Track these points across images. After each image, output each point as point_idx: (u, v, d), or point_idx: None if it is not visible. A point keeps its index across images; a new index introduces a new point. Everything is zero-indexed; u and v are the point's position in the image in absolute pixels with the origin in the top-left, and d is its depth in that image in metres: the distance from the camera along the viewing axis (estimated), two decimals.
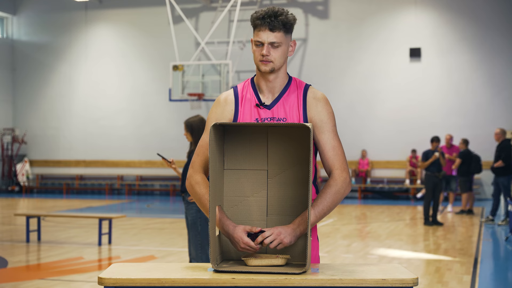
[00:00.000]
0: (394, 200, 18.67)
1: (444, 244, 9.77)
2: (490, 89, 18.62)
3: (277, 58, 2.63)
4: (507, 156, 12.16)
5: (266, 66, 2.63)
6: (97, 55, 21.76)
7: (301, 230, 2.47)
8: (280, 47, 2.62)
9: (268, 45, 2.61)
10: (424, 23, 19.09)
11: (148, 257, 8.46)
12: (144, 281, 2.26)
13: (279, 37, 2.61)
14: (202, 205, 2.62)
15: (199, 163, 2.70)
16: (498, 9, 18.61)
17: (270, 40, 2.60)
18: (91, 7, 21.86)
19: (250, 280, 2.27)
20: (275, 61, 2.63)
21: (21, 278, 7.06)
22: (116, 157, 21.56)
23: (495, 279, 7.35)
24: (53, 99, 22.18)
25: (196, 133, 5.92)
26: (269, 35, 2.60)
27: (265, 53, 2.61)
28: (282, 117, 2.66)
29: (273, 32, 2.60)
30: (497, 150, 12.40)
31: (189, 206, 5.93)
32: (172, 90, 18.15)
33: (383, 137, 19.25)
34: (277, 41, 2.61)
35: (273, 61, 2.62)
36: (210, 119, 2.71)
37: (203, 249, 5.83)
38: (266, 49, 2.61)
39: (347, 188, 2.61)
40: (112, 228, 9.92)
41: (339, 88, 19.39)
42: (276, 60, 2.63)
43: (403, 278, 2.29)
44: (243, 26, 19.74)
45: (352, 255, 8.66)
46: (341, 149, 2.67)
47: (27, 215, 9.88)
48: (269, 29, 2.60)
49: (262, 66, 2.63)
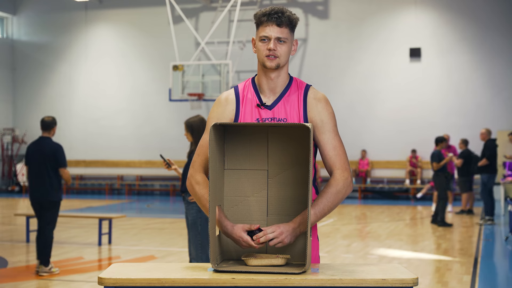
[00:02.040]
0: (394, 200, 18.67)
1: (444, 244, 9.77)
2: (490, 89, 18.62)
3: (283, 54, 2.63)
4: (491, 155, 12.60)
5: (272, 62, 2.62)
6: (97, 55, 21.76)
7: (302, 230, 2.47)
8: (286, 43, 2.63)
9: (275, 40, 2.61)
10: (424, 23, 19.09)
11: (148, 257, 8.46)
12: (144, 281, 2.26)
13: (285, 33, 2.62)
14: (202, 205, 2.62)
15: (199, 163, 2.70)
16: (498, 9, 18.61)
17: (277, 35, 2.61)
18: (91, 7, 21.86)
19: (250, 280, 2.27)
20: (281, 57, 2.63)
21: (21, 278, 7.06)
22: (116, 157, 21.56)
23: (495, 279, 7.35)
24: (53, 99, 22.18)
25: (196, 133, 5.92)
26: (277, 30, 2.60)
27: (272, 47, 2.60)
28: (283, 117, 2.66)
29: (280, 28, 2.61)
30: (482, 149, 12.88)
31: (189, 206, 5.93)
32: (172, 90, 18.15)
33: (383, 137, 19.25)
34: (284, 36, 2.61)
35: (279, 56, 2.62)
36: (211, 118, 2.71)
37: (203, 249, 5.83)
38: (273, 44, 2.60)
39: (348, 188, 2.61)
40: (112, 228, 9.92)
41: (339, 88, 19.39)
42: (282, 56, 2.63)
43: (403, 278, 2.29)
44: (243, 26, 19.74)
45: (352, 255, 8.66)
46: (343, 149, 2.67)
47: (27, 215, 9.88)
48: (277, 25, 2.60)
49: (268, 62, 2.63)
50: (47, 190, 7.16)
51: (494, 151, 12.70)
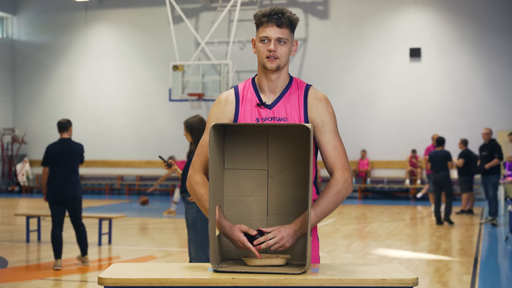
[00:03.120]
0: (394, 200, 18.67)
1: (444, 244, 9.77)
2: (490, 89, 18.62)
3: (283, 55, 2.62)
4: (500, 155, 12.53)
5: (273, 63, 2.62)
6: (97, 55, 21.76)
7: (303, 231, 2.46)
8: (286, 44, 2.62)
9: (275, 41, 2.60)
10: (424, 23, 19.09)
11: (148, 257, 8.46)
12: (144, 281, 2.26)
13: (286, 33, 2.61)
14: (202, 205, 2.61)
15: (199, 164, 2.70)
16: (498, 9, 18.61)
17: (277, 35, 2.60)
18: (91, 7, 21.86)
19: (250, 280, 2.27)
20: (281, 58, 2.62)
21: (21, 278, 7.06)
22: (116, 157, 21.57)
23: (495, 279, 7.35)
24: (53, 99, 22.18)
25: (195, 133, 5.92)
26: (277, 31, 2.60)
27: (272, 48, 2.59)
28: (283, 117, 2.65)
29: (281, 28, 2.60)
30: (488, 149, 12.64)
31: (189, 206, 5.93)
32: (172, 90, 18.15)
33: (383, 137, 19.25)
34: (284, 37, 2.61)
35: (279, 57, 2.61)
36: (211, 118, 2.71)
37: (203, 249, 5.83)
38: (273, 45, 2.59)
39: (348, 188, 2.61)
40: (112, 228, 9.92)
41: (339, 88, 19.39)
42: (282, 57, 2.62)
43: (403, 278, 2.28)
44: (243, 26, 19.74)
45: (352, 255, 8.66)
46: (343, 149, 2.67)
47: (27, 215, 9.88)
48: (277, 25, 2.59)
49: (268, 64, 2.62)
50: (76, 187, 7.72)
51: (501, 151, 12.68)
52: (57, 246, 7.55)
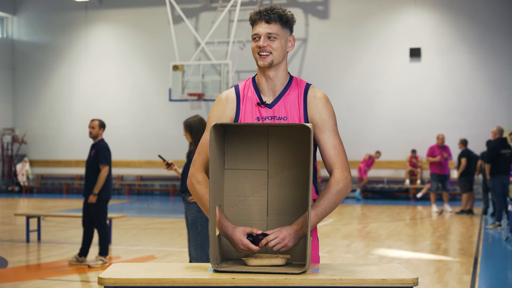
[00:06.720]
0: (394, 200, 18.67)
1: (444, 244, 9.77)
2: (490, 89, 18.62)
3: (275, 50, 2.61)
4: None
5: (264, 60, 2.62)
6: (97, 55, 21.76)
7: (304, 231, 2.46)
8: (277, 39, 2.62)
9: (265, 37, 2.61)
10: (424, 23, 19.09)
11: (148, 257, 8.46)
12: (144, 281, 2.26)
13: (275, 29, 2.61)
14: (203, 205, 2.61)
15: (200, 162, 2.70)
16: (498, 9, 18.61)
17: (266, 31, 2.60)
18: (91, 7, 21.85)
19: (250, 280, 2.27)
20: (273, 53, 2.61)
21: (21, 278, 7.06)
22: (116, 157, 21.53)
23: (495, 279, 7.35)
24: (53, 99, 22.18)
25: (195, 133, 5.92)
26: (266, 26, 2.61)
27: (261, 44, 2.60)
28: (283, 116, 2.65)
29: (269, 24, 2.61)
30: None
31: (189, 206, 5.93)
32: (172, 90, 18.15)
33: (383, 137, 19.25)
34: (274, 32, 2.61)
35: (271, 52, 2.61)
36: (212, 117, 2.71)
37: (203, 249, 5.83)
38: (263, 40, 2.60)
39: (348, 187, 2.61)
40: (112, 228, 9.91)
41: (339, 88, 19.38)
42: (275, 51, 2.61)
43: (403, 278, 2.28)
44: (243, 26, 19.73)
45: (352, 255, 8.66)
46: (342, 148, 2.67)
47: (27, 215, 9.88)
48: (265, 21, 2.61)
49: (260, 61, 2.62)
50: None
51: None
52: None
